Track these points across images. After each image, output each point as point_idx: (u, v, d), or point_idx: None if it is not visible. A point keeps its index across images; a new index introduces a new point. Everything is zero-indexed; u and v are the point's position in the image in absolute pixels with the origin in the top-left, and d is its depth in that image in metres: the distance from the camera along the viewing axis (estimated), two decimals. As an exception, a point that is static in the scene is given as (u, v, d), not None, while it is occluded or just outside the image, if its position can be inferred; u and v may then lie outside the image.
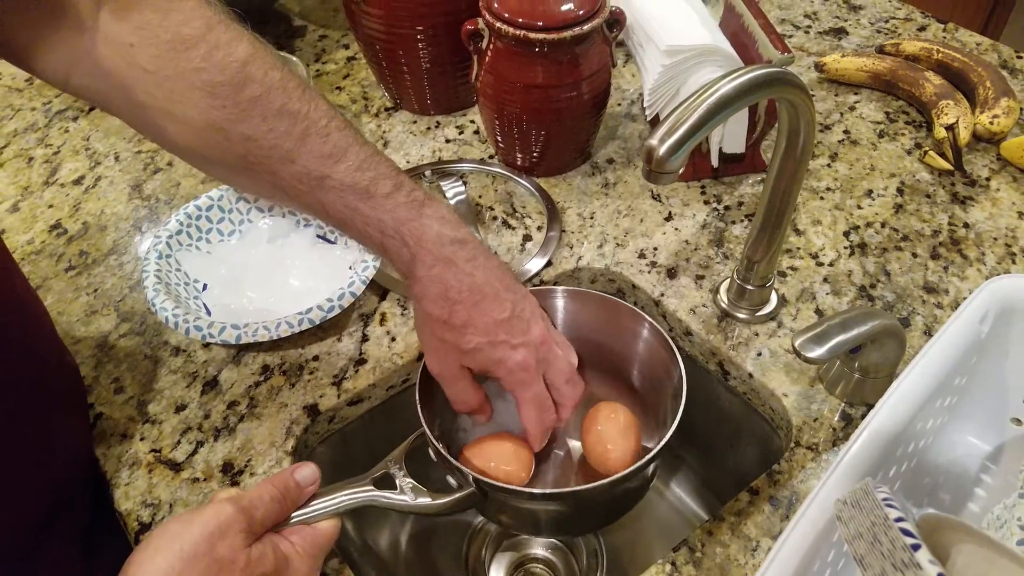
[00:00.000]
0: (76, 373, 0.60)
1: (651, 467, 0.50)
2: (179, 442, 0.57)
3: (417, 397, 0.51)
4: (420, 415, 0.50)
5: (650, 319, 0.55)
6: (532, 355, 0.49)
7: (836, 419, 0.57)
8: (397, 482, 0.48)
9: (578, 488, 0.47)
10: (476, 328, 0.48)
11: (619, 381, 0.59)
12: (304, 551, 0.43)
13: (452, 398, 0.52)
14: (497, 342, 0.48)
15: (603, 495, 0.48)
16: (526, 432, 0.52)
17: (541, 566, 0.68)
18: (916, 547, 0.27)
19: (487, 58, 0.70)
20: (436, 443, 0.49)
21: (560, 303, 0.58)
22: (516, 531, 0.69)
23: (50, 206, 0.76)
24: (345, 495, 0.46)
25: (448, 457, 0.48)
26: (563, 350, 0.52)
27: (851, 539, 0.32)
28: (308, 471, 0.45)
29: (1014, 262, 0.67)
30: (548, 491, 0.50)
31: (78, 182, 0.79)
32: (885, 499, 0.31)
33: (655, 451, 0.48)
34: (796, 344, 0.49)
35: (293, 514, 0.44)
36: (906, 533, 0.28)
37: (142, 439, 0.57)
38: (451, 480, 0.50)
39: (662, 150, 0.41)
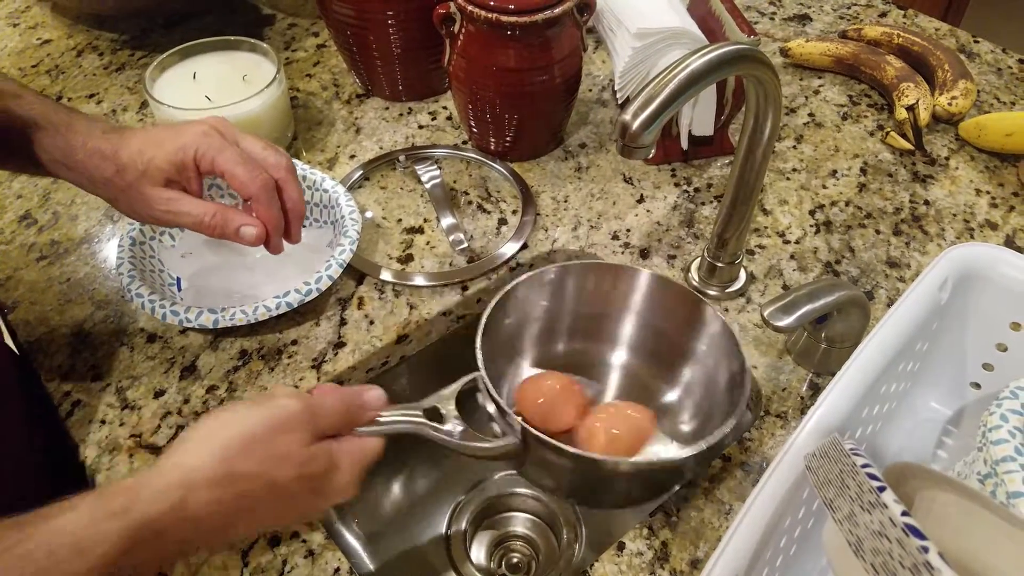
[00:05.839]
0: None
1: (696, 459, 0.48)
2: (159, 427, 0.57)
3: (478, 341, 0.50)
4: (477, 355, 0.50)
5: (712, 305, 0.54)
6: (210, 127, 0.52)
7: (804, 389, 0.59)
8: (444, 417, 0.48)
9: (623, 459, 0.49)
10: (142, 146, 0.52)
11: (667, 367, 0.58)
12: (352, 462, 0.43)
13: (193, 223, 0.53)
14: (160, 139, 0.52)
15: (641, 472, 0.49)
16: (248, 195, 0.53)
17: (521, 542, 0.69)
18: (882, 489, 0.29)
19: (459, 42, 0.70)
20: (489, 388, 0.48)
21: (609, 280, 0.58)
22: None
23: (19, 196, 0.75)
24: (397, 417, 0.46)
25: (500, 403, 0.48)
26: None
27: (820, 486, 0.34)
28: (376, 395, 0.46)
29: (972, 237, 0.70)
30: (590, 455, 0.49)
31: (46, 172, 0.78)
32: (852, 449, 0.32)
33: (712, 441, 0.46)
34: (765, 314, 0.51)
35: None
36: (872, 477, 0.30)
37: (121, 424, 0.57)
38: (495, 427, 0.49)
39: (635, 124, 0.42)
